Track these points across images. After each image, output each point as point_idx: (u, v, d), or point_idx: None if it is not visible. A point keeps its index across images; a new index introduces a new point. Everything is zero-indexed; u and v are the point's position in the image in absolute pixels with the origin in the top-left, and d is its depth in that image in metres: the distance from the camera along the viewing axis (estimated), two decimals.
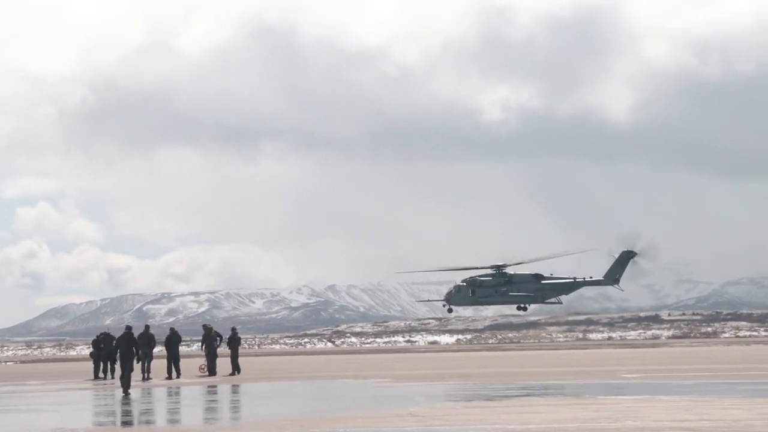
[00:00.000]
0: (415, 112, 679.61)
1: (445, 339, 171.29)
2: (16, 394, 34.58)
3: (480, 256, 67.12)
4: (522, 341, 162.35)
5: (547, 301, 65.77)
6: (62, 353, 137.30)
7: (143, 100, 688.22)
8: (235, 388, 34.97)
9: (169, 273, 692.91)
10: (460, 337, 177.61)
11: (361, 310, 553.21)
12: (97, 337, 46.83)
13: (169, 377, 42.43)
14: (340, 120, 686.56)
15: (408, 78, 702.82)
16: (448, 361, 61.99)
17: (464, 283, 64.11)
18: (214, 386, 36.48)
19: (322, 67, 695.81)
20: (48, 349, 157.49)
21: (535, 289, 64.25)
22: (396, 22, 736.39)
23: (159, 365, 44.43)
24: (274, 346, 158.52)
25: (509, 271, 63.90)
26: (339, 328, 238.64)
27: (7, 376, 53.98)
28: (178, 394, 32.88)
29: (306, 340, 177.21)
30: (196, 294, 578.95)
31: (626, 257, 63.31)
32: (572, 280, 64.39)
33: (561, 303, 67.05)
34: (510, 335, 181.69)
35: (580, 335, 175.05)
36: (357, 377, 40.53)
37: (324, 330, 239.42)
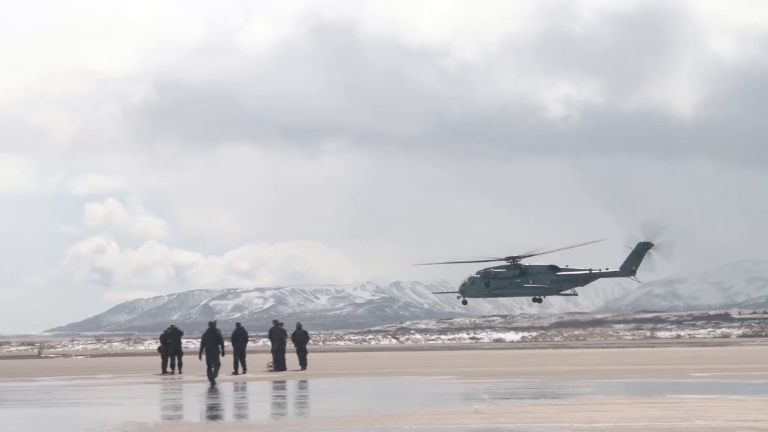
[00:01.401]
0: (476, 110, 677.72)
1: (510, 336, 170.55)
2: (87, 388, 35.03)
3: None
4: (588, 339, 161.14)
5: (562, 292, 65.48)
6: (131, 348, 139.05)
7: (205, 98, 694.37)
8: (299, 384, 35.10)
9: (233, 269, 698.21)
10: (525, 334, 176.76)
11: (426, 306, 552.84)
12: (165, 331, 47.28)
13: (236, 372, 42.73)
14: (401, 117, 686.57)
15: (468, 75, 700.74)
16: (513, 358, 61.68)
17: (478, 275, 63.98)
18: (280, 382, 36.65)
19: (382, 64, 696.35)
20: (117, 343, 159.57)
21: (550, 280, 63.98)
22: (456, 18, 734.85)
23: (226, 360, 44.70)
24: (338, 342, 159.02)
25: (524, 262, 63.75)
26: (403, 325, 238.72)
27: (78, 369, 54.75)
28: (244, 389, 33.09)
29: (370, 336, 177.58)
30: (261, 290, 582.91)
31: (643, 248, 62.72)
32: (588, 271, 63.98)
33: (576, 294, 66.77)
34: (576, 333, 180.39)
35: (648, 333, 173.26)
36: (421, 374, 40.48)
37: (388, 326, 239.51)
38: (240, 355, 43.65)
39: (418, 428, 18.02)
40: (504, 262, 63.46)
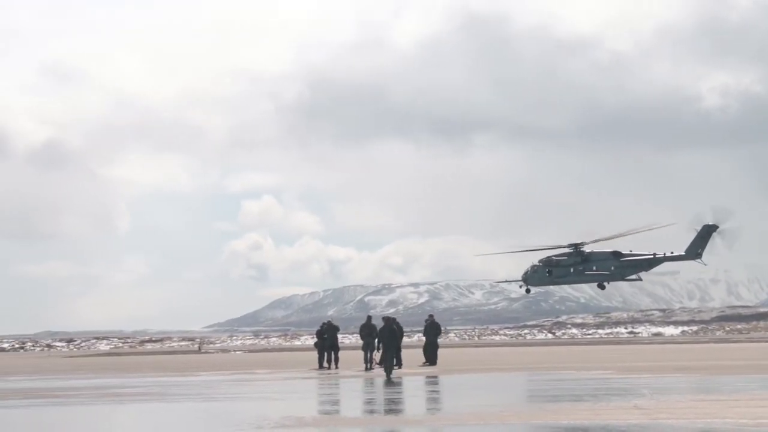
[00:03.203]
0: (630, 101, 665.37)
1: (670, 330, 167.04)
2: (245, 383, 35.69)
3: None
4: (752, 333, 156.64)
5: (626, 278, 64.19)
6: (287, 343, 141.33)
7: (356, 94, 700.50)
8: (453, 379, 35.04)
9: (387, 265, 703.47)
10: (686, 328, 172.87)
11: (582, 301, 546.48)
12: (321, 327, 47.76)
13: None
14: (552, 110, 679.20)
15: (622, 66, 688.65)
16: (673, 352, 60.43)
17: (540, 264, 63.16)
18: (433, 377, 36.67)
19: (533, 57, 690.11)
20: (274, 338, 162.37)
21: (613, 266, 62.82)
22: (609, 8, 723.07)
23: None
24: (493, 337, 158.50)
25: (587, 249, 62.66)
26: (560, 319, 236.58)
27: (237, 364, 55.90)
28: (399, 384, 33.20)
29: (526, 331, 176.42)
30: (416, 285, 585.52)
31: (708, 231, 60.94)
32: (652, 256, 62.50)
33: (641, 280, 65.18)
34: (738, 327, 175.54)
35: None
36: (579, 369, 39.96)
37: (544, 321, 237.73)
38: (396, 351, 43.83)
39: (577, 423, 17.75)
40: (567, 249, 62.94)
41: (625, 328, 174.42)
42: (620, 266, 62.93)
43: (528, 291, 66.05)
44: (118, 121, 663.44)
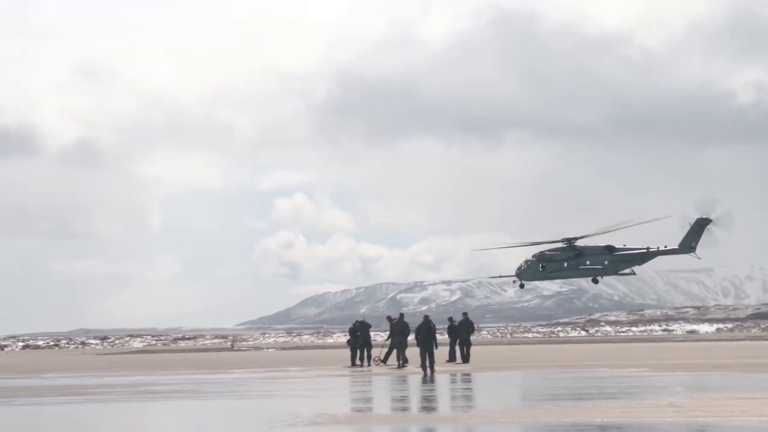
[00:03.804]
0: (660, 97, 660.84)
1: (704, 328, 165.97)
2: (278, 380, 35.76)
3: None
4: None
5: (620, 272, 64.06)
6: (320, 341, 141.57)
7: (386, 92, 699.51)
8: (486, 376, 34.96)
9: (418, 262, 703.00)
10: (721, 326, 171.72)
11: (615, 298, 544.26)
12: (354, 324, 47.79)
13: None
14: (583, 107, 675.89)
15: (652, 62, 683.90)
16: (707, 350, 60.04)
17: (534, 258, 63.13)
18: (467, 374, 36.60)
19: (563, 53, 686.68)
20: (306, 336, 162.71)
21: (606, 260, 62.76)
22: (638, 5, 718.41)
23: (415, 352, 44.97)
24: (526, 334, 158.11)
25: (580, 243, 62.61)
26: (593, 317, 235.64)
27: (269, 362, 56.03)
28: (432, 381, 33.17)
29: (559, 328, 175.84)
30: (448, 283, 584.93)
31: (701, 224, 60.59)
32: (645, 250, 62.32)
33: (635, 274, 64.91)
34: None
35: None
36: (612, 367, 39.77)
37: (577, 318, 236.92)
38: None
39: (611, 421, 17.65)
40: (560, 244, 62.93)
41: (659, 326, 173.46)
42: (614, 260, 63.03)
43: (522, 286, 66.39)
44: (150, 119, 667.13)
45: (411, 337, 44.02)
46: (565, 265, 63.02)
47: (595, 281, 65.09)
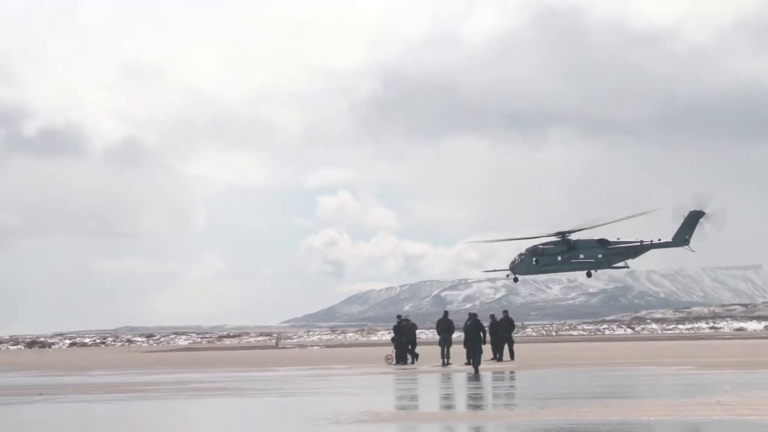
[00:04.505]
0: (708, 92, 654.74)
1: (753, 326, 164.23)
2: (323, 378, 35.79)
3: None
4: None
5: (613, 265, 63.61)
6: (364, 338, 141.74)
7: (430, 89, 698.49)
8: (532, 374, 34.78)
9: (462, 260, 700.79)
10: None
11: (662, 295, 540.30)
12: (398, 322, 47.75)
13: (468, 363, 42.74)
14: (629, 103, 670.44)
15: (699, 57, 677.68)
16: (756, 348, 59.42)
17: (527, 253, 62.86)
18: (511, 372, 36.45)
19: (608, 49, 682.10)
20: (351, 334, 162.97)
21: (600, 254, 62.47)
22: (686, 0, 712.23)
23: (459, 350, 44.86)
24: (571, 332, 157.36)
25: (573, 237, 62.24)
26: (639, 314, 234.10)
27: (314, 360, 56.14)
28: (478, 378, 33.06)
29: (604, 326, 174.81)
30: (492, 280, 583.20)
31: (694, 217, 59.94)
32: (639, 243, 61.82)
33: (628, 267, 64.37)
34: None
35: None
36: (659, 364, 39.44)
37: (623, 316, 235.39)
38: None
39: (658, 419, 17.47)
40: (554, 238, 62.70)
41: (706, 324, 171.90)
42: (607, 254, 62.89)
43: (516, 280, 66.52)
44: (195, 118, 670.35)
45: (456, 335, 44.01)
46: (559, 258, 63.14)
47: (589, 275, 65.12)
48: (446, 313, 45.58)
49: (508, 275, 65.42)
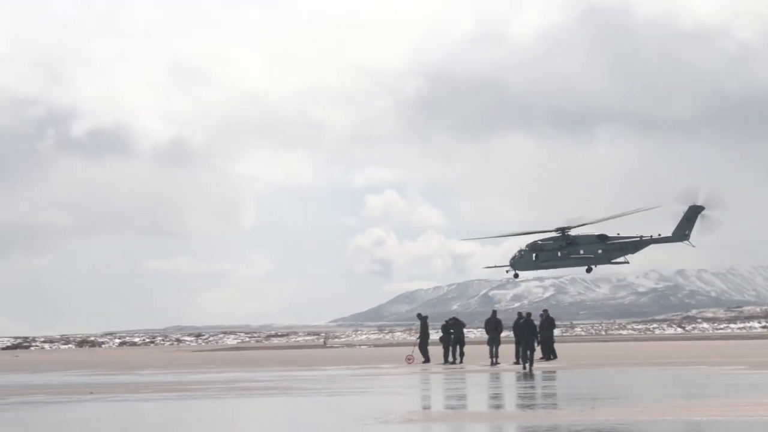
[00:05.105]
0: (757, 90, 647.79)
1: None
2: (371, 377, 35.77)
3: None
4: None
5: (613, 261, 62.96)
6: (412, 338, 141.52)
7: (476, 88, 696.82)
8: (577, 374, 34.53)
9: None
10: None
11: (713, 295, 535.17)
12: (447, 322, 47.65)
13: (517, 362, 42.56)
14: (677, 100, 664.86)
15: (749, 54, 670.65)
16: None
17: (527, 248, 62.38)
18: (551, 372, 36.22)
19: (656, 46, 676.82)
20: (398, 333, 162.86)
21: (600, 249, 62.00)
22: None
23: (507, 350, 44.69)
24: (621, 331, 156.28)
25: (573, 233, 61.70)
26: (689, 314, 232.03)
27: (362, 359, 56.14)
28: (530, 378, 32.87)
29: (654, 325, 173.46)
30: (541, 279, 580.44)
31: (694, 212, 59.19)
32: (638, 238, 61.22)
33: (628, 263, 63.68)
34: None
35: None
36: (710, 364, 39.02)
37: (673, 315, 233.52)
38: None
39: (711, 419, 17.24)
40: (553, 234, 62.26)
41: (759, 323, 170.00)
42: (607, 249, 62.55)
43: (516, 276, 66.32)
44: (242, 118, 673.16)
45: (504, 333, 43.80)
46: (558, 254, 63.03)
47: (589, 270, 64.91)
48: (494, 312, 45.37)
49: (508, 271, 65.44)
